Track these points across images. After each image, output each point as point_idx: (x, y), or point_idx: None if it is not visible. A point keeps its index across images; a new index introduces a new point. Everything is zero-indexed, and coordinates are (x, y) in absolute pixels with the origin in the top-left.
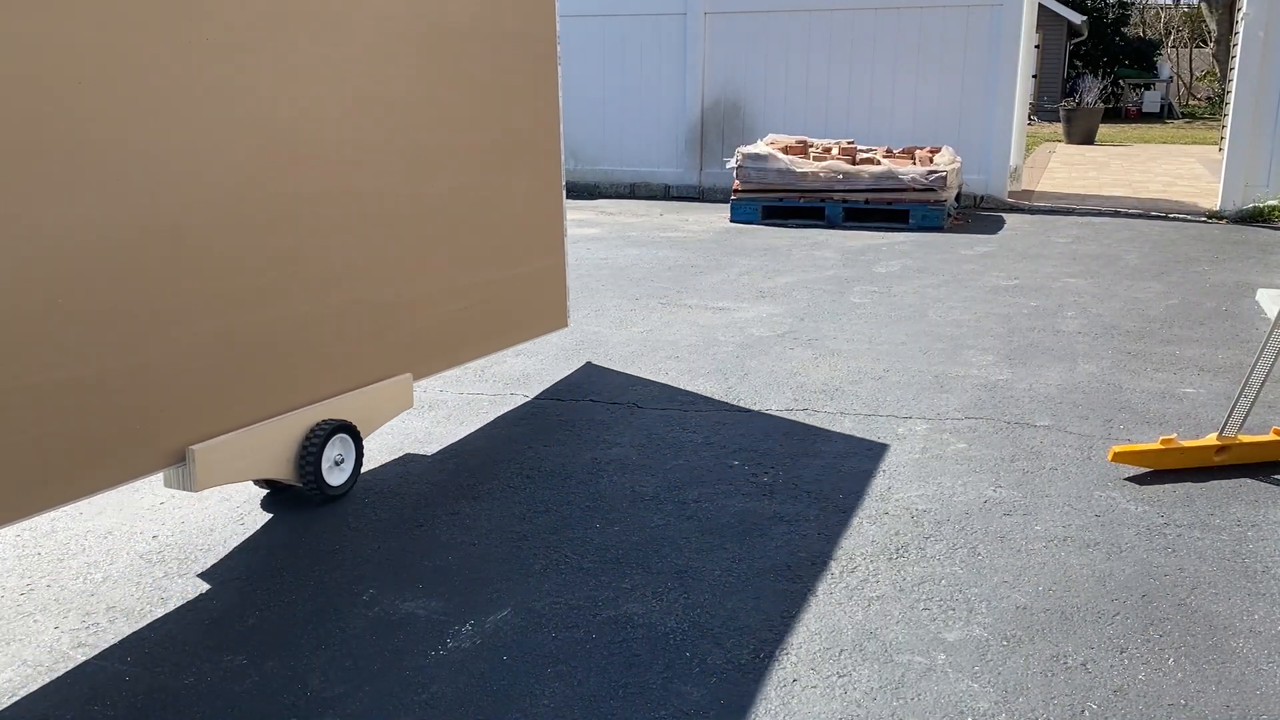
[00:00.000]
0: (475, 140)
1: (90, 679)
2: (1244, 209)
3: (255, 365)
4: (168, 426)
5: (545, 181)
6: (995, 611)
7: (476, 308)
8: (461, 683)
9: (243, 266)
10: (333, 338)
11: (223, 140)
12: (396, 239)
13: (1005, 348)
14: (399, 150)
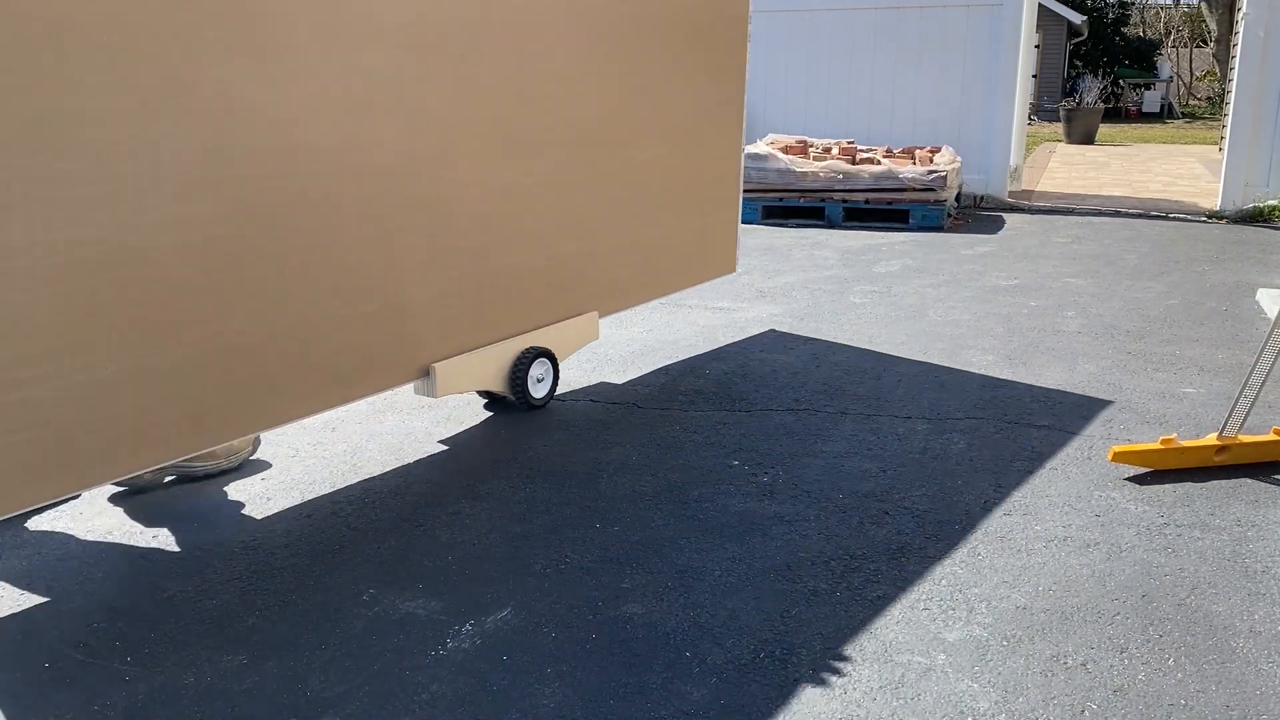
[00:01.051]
0: (672, 115)
1: (90, 679)
2: (1244, 209)
3: (479, 304)
4: (418, 350)
5: (728, 148)
6: (995, 611)
7: (660, 255)
8: (461, 683)
9: (470, 229)
10: (536, 283)
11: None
12: (594, 202)
13: (1005, 348)
14: (604, 127)
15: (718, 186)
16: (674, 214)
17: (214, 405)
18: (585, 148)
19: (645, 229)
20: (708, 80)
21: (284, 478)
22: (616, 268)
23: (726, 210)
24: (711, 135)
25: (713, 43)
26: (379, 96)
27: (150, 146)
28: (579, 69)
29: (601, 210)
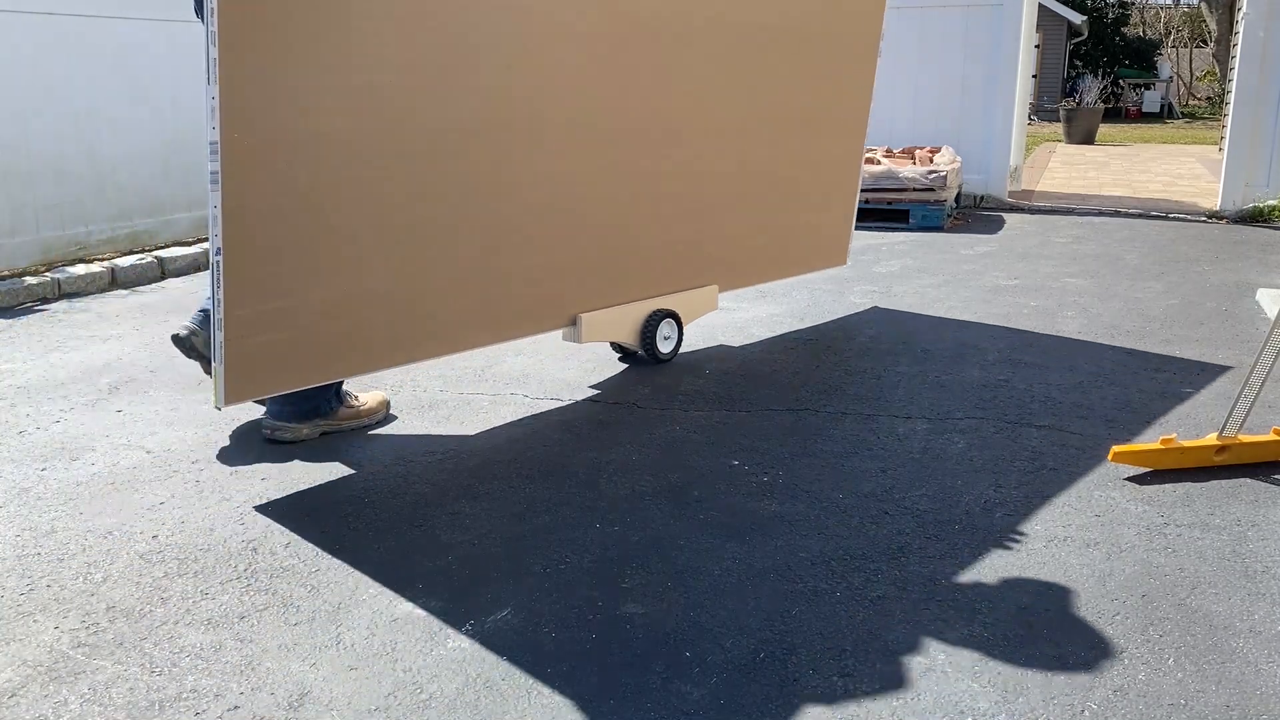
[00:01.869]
0: (799, 117)
1: (90, 679)
2: (1244, 209)
3: (621, 269)
4: (568, 302)
5: (850, 149)
6: (995, 611)
7: (777, 242)
8: (461, 683)
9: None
10: (668, 255)
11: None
12: (722, 189)
13: (1006, 347)
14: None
15: (836, 186)
16: (792, 206)
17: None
18: (718, 140)
19: (765, 217)
20: (835, 89)
21: (284, 478)
22: (737, 249)
23: (842, 208)
24: (834, 139)
25: (842, 56)
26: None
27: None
28: (719, 71)
29: (728, 197)
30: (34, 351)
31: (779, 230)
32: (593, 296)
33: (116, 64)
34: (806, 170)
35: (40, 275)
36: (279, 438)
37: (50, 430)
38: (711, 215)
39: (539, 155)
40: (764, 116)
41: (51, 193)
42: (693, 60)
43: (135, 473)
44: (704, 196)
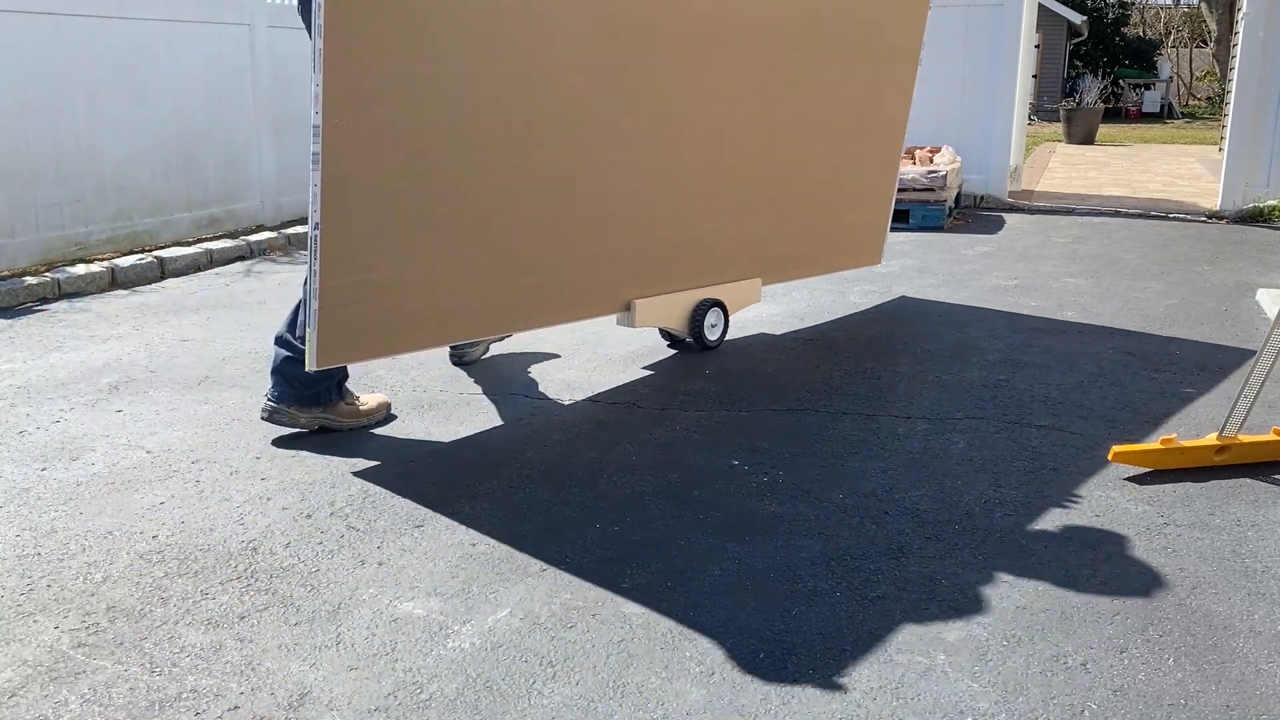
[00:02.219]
0: (842, 125)
1: (90, 679)
2: (1244, 209)
3: (672, 259)
4: (623, 288)
5: (889, 153)
6: (995, 611)
7: (817, 239)
8: (461, 683)
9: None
10: (715, 249)
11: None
12: (767, 188)
13: (1006, 347)
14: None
15: (874, 189)
16: (832, 206)
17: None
18: (766, 141)
19: (807, 215)
20: (876, 95)
21: (284, 478)
22: (780, 244)
23: (879, 211)
24: (874, 143)
25: (884, 63)
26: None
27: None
28: (769, 76)
29: (774, 195)
30: (34, 351)
31: (819, 228)
32: (646, 284)
33: (116, 64)
34: (847, 172)
35: (40, 275)
36: (277, 420)
37: (50, 430)
38: (757, 212)
39: (605, 151)
40: (809, 120)
41: (52, 193)
42: (745, 65)
43: (135, 473)
44: (751, 194)
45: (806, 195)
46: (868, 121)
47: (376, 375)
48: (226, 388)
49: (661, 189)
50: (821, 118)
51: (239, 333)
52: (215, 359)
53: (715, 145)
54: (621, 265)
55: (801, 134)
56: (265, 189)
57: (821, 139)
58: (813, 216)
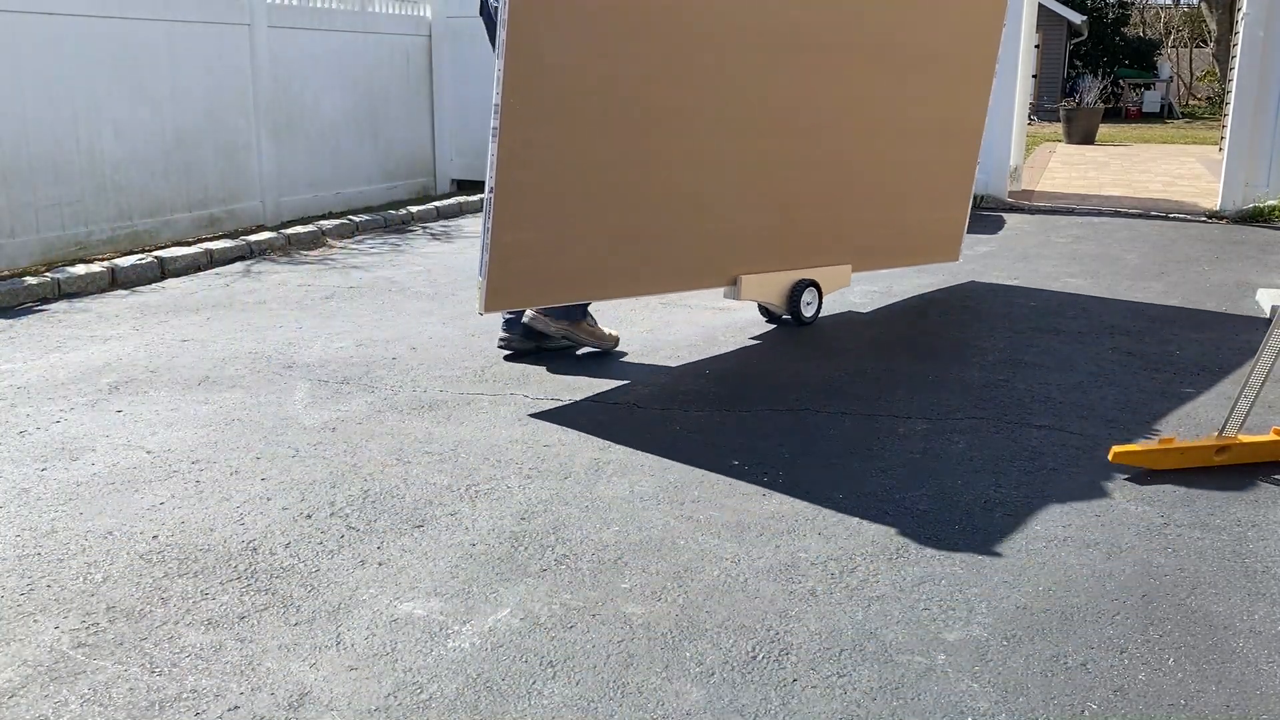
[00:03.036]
0: (928, 127)
1: (90, 679)
2: (1244, 209)
3: (775, 242)
4: (732, 265)
5: (967, 155)
6: (995, 611)
7: (899, 234)
8: (461, 683)
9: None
10: (812, 235)
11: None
12: (859, 182)
13: (1006, 347)
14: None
15: (954, 188)
16: (916, 203)
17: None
18: (861, 140)
19: (894, 210)
20: (957, 102)
21: (284, 478)
22: (869, 235)
23: (958, 209)
24: (954, 146)
25: (964, 73)
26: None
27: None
28: (866, 81)
29: (866, 189)
30: (34, 351)
31: (904, 223)
32: (751, 262)
33: (116, 64)
34: (928, 172)
35: (40, 275)
36: (534, 325)
37: (50, 430)
38: (851, 203)
39: (725, 141)
40: (896, 122)
41: (51, 193)
42: (843, 71)
43: (135, 473)
44: (845, 187)
45: (892, 191)
46: (947, 126)
47: (376, 375)
48: (226, 388)
49: (767, 178)
50: (906, 121)
51: (239, 333)
52: (215, 359)
53: (814, 141)
54: (731, 244)
55: (889, 135)
56: (265, 189)
57: (906, 140)
58: (897, 211)
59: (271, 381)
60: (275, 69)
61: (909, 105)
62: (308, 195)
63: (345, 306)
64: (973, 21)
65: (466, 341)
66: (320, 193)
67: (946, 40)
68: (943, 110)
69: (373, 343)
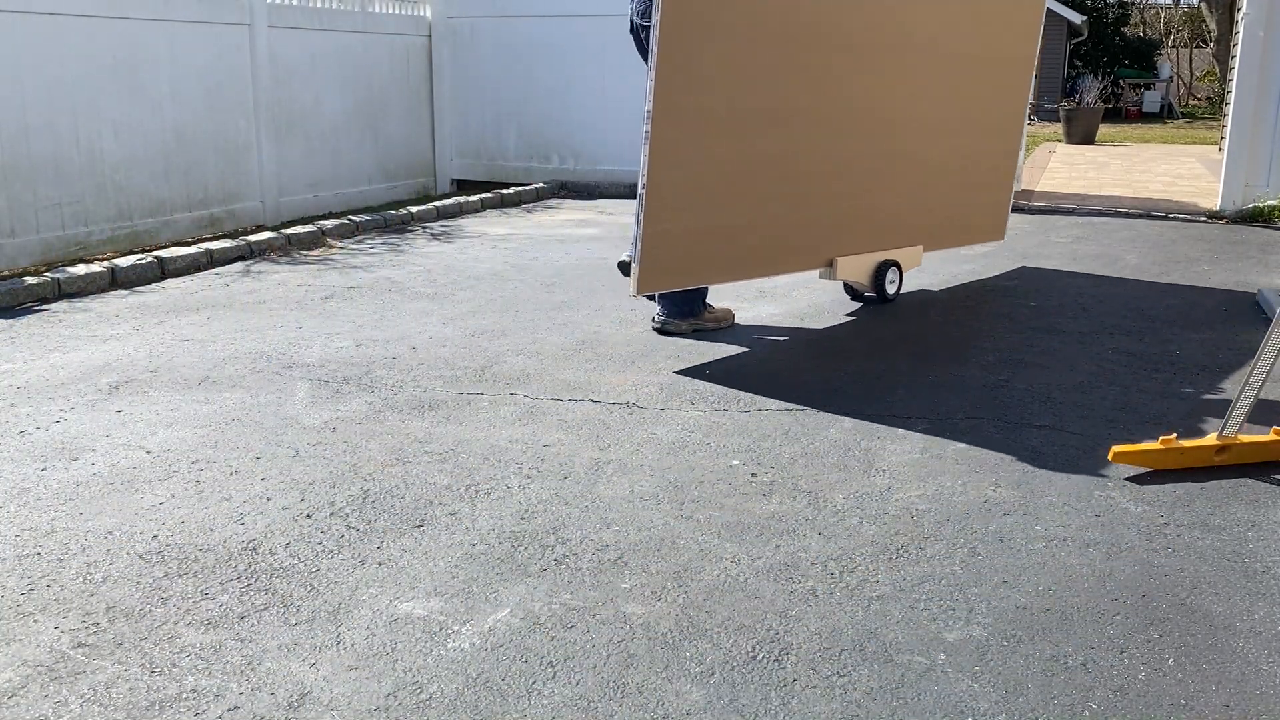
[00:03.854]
0: (979, 119)
1: (90, 679)
2: (1244, 209)
3: (862, 227)
4: (829, 248)
5: (1012, 144)
6: (995, 611)
7: (958, 216)
8: (461, 683)
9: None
10: (891, 220)
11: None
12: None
13: (1006, 347)
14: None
15: (1000, 174)
16: (973, 188)
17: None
18: (928, 133)
19: (956, 195)
20: (1003, 96)
21: (284, 478)
22: (937, 219)
23: (1004, 193)
24: (1000, 137)
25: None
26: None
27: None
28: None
29: (933, 177)
30: (34, 351)
31: (963, 206)
32: (844, 246)
33: (116, 64)
34: (982, 160)
35: (40, 275)
36: (667, 329)
37: (50, 430)
38: (922, 190)
39: (827, 137)
40: (958, 115)
41: (51, 193)
42: (912, 72)
43: (135, 473)
44: (917, 175)
45: (954, 177)
46: (996, 117)
47: (376, 375)
48: (226, 388)
49: (856, 169)
50: (964, 114)
51: (239, 333)
52: (215, 359)
53: (891, 135)
54: (828, 229)
55: (950, 127)
56: (265, 189)
57: (964, 131)
58: (957, 195)
59: (271, 381)
60: (275, 69)
61: (965, 100)
62: (308, 195)
63: (345, 306)
64: (1016, 21)
65: (466, 341)
66: (320, 193)
67: (996, 39)
68: (993, 103)
69: (373, 343)
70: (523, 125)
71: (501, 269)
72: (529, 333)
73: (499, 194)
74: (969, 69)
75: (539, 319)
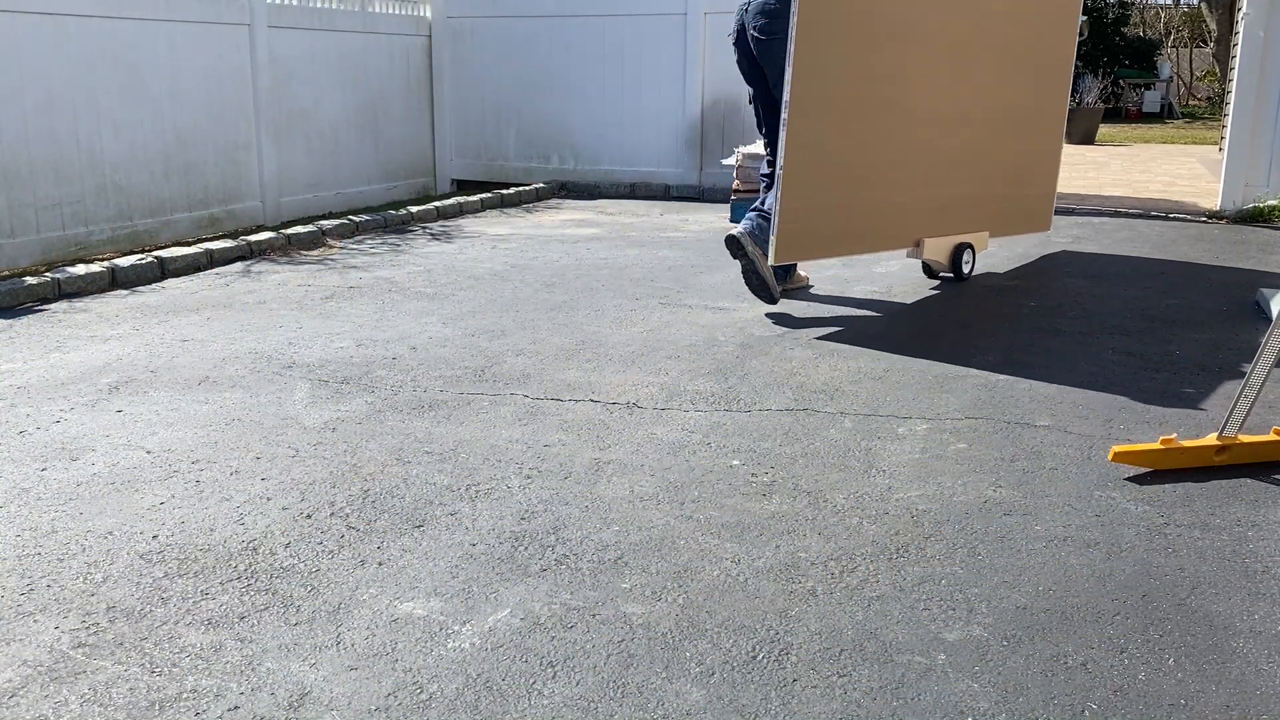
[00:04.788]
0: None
1: (90, 679)
2: (1244, 209)
3: (943, 212)
4: (915, 230)
5: (1055, 142)
6: (995, 611)
7: (1015, 207)
8: (461, 683)
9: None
10: (964, 206)
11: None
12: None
13: (1006, 347)
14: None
15: (1046, 169)
16: (1026, 180)
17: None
18: (992, 128)
19: (1013, 186)
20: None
21: (284, 478)
22: (999, 207)
23: (1050, 185)
24: (1046, 134)
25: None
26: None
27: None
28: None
29: (997, 168)
30: (34, 351)
31: (1019, 197)
32: (929, 228)
33: (116, 64)
34: (1032, 155)
35: (40, 275)
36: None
37: (50, 430)
38: (988, 181)
39: (918, 129)
40: (1015, 113)
41: (52, 193)
42: (986, 71)
43: (135, 473)
44: (986, 167)
45: (1012, 170)
46: (1043, 114)
47: (376, 375)
48: (226, 388)
49: (938, 159)
50: (1019, 111)
51: (239, 333)
52: (215, 359)
53: (967, 129)
54: (918, 213)
55: (1009, 123)
56: (265, 189)
57: (1020, 128)
58: (1014, 187)
59: (271, 381)
60: (275, 69)
61: (1021, 98)
62: (308, 195)
63: (345, 306)
64: (1058, 24)
65: (466, 341)
66: (320, 193)
67: (1043, 42)
68: (1041, 102)
69: (373, 343)
70: (522, 125)
71: (501, 269)
72: (529, 333)
73: (499, 194)
74: (1024, 69)
75: (539, 319)
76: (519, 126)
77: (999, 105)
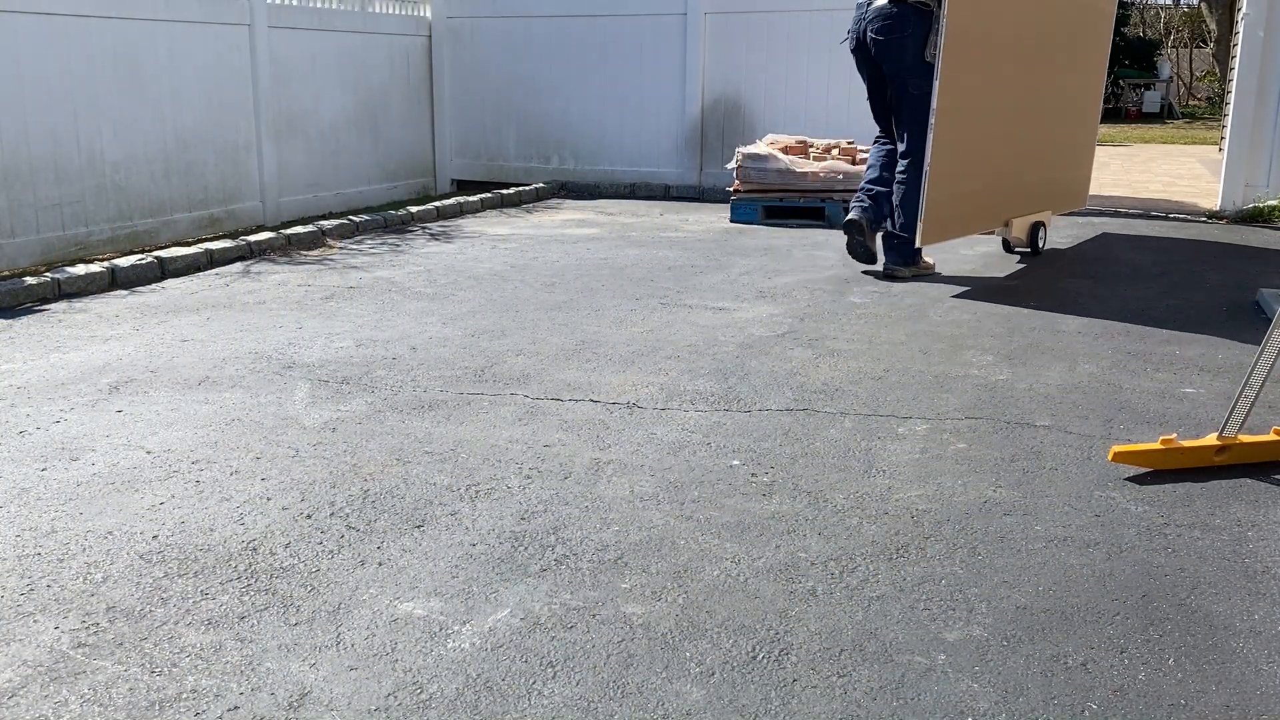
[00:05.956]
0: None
1: (90, 679)
2: (1244, 209)
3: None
4: (1004, 212)
5: (1090, 129)
6: (995, 611)
7: (1066, 189)
8: (461, 683)
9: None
10: (1036, 189)
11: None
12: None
13: (1005, 347)
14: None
15: (1084, 153)
16: (1075, 163)
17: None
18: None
19: (1065, 170)
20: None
21: (284, 478)
22: (1057, 188)
23: (1088, 166)
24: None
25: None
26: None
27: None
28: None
29: (1056, 153)
30: (34, 351)
31: (1070, 180)
32: (1014, 209)
33: (116, 64)
34: (1076, 141)
35: (40, 275)
36: (895, 274)
37: (50, 430)
38: (1053, 164)
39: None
40: (1071, 103)
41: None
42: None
43: (135, 473)
44: (1051, 153)
45: (1066, 155)
46: (1086, 104)
47: (376, 375)
48: (226, 388)
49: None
50: (1072, 101)
51: (239, 333)
52: (215, 359)
53: (1041, 120)
54: (1007, 196)
55: (1066, 113)
56: (265, 189)
57: (1070, 116)
58: (1065, 170)
59: (271, 381)
60: (275, 69)
61: (1074, 89)
62: (308, 195)
63: (345, 306)
64: (1098, 17)
65: (466, 341)
66: (320, 193)
67: (1088, 35)
68: (1086, 93)
69: (373, 343)
70: (522, 125)
71: (501, 269)
72: (529, 333)
73: (499, 194)
74: (1077, 64)
75: (539, 319)
76: (519, 126)
77: (1062, 97)
